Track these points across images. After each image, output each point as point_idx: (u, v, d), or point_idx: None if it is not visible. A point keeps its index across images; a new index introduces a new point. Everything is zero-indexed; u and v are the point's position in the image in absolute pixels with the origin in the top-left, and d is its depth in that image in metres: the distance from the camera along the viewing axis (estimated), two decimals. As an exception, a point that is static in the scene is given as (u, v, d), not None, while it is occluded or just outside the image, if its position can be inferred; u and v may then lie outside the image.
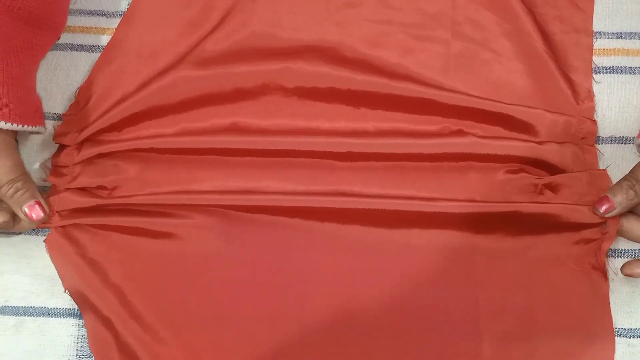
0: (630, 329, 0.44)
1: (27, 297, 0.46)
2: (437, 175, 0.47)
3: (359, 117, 0.48)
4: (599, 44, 0.50)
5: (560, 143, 0.47)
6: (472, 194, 0.46)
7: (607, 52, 0.50)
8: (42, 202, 0.44)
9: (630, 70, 0.49)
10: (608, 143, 0.48)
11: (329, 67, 0.48)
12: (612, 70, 0.50)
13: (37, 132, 0.46)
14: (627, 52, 0.50)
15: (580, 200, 0.45)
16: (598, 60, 0.50)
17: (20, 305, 0.46)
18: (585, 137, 0.47)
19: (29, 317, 0.46)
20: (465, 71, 0.49)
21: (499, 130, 0.48)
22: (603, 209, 0.44)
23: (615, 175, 0.46)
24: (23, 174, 0.44)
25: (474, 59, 0.49)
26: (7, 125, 0.42)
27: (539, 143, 0.47)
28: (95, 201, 0.46)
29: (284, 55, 0.49)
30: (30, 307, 0.46)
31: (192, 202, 0.46)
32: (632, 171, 0.44)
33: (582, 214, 0.45)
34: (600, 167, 0.47)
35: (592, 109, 0.48)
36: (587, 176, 0.46)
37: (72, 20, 0.51)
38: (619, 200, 0.43)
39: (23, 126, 0.44)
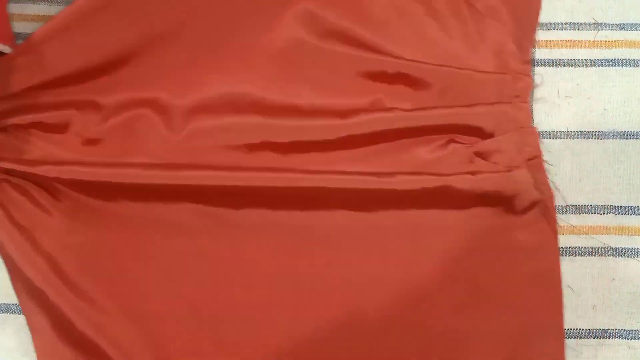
0: (631, 330, 0.43)
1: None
2: (368, 156, 0.45)
3: (290, 92, 0.45)
4: (601, 35, 0.48)
5: (490, 104, 0.44)
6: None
7: (609, 44, 0.48)
8: None
9: (633, 63, 0.47)
10: (610, 138, 0.46)
11: None
12: (615, 62, 0.47)
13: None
14: (630, 44, 0.48)
15: (512, 162, 0.43)
16: (600, 52, 0.48)
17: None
18: (520, 95, 0.45)
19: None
20: (402, 27, 0.46)
21: (429, 96, 0.45)
22: None
23: (618, 171, 0.45)
24: None
25: (413, 15, 0.46)
26: None
27: (468, 107, 0.44)
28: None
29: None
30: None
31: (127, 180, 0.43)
32: None
33: (515, 181, 0.43)
34: (603, 164, 0.45)
35: (529, 65, 0.46)
36: (517, 136, 0.44)
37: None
38: None
39: None
